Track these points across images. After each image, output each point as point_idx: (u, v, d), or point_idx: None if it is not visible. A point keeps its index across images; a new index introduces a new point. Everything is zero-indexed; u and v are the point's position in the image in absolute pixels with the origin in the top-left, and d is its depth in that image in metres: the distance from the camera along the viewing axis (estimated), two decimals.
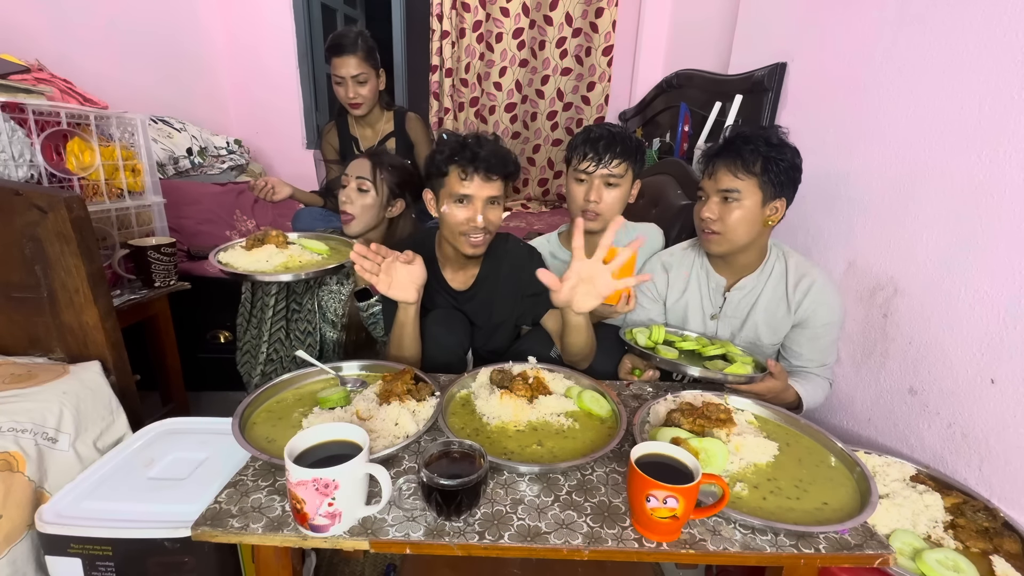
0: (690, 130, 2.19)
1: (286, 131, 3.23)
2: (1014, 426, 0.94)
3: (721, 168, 1.14)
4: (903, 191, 1.18)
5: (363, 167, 1.39)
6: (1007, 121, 0.96)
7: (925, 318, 1.13)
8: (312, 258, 1.34)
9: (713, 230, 1.17)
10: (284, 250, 1.33)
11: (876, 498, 0.77)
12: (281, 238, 1.36)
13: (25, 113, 1.25)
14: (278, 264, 1.28)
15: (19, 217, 1.09)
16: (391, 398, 0.94)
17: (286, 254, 1.32)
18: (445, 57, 3.04)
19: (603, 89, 3.16)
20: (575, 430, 0.93)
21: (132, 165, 1.56)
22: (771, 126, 1.16)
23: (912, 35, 1.17)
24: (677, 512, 0.67)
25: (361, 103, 1.85)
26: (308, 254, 1.35)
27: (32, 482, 0.88)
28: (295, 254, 1.33)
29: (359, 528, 0.71)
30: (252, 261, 1.29)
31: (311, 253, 1.36)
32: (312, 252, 1.36)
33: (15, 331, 1.17)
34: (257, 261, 1.28)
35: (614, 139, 1.28)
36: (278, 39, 3.06)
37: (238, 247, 1.35)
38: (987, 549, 0.87)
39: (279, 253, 1.31)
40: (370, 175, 1.38)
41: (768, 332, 1.24)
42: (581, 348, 1.15)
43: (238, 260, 1.29)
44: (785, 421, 0.99)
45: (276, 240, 1.35)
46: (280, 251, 1.32)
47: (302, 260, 1.32)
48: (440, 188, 1.17)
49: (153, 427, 1.05)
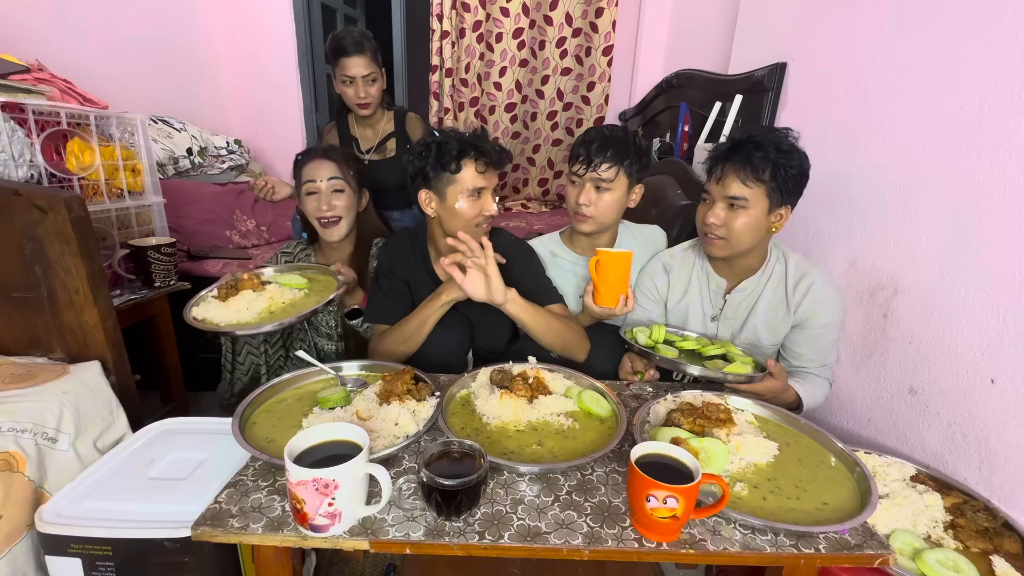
0: (690, 130, 2.19)
1: (286, 131, 3.22)
2: (1014, 426, 0.94)
3: (730, 174, 1.12)
4: (903, 191, 1.18)
5: (330, 168, 1.35)
6: (1007, 121, 0.96)
7: (925, 318, 1.13)
8: (293, 295, 1.21)
9: (718, 235, 1.16)
10: (261, 292, 1.19)
11: (876, 498, 0.77)
12: (255, 280, 1.22)
13: (25, 113, 1.25)
14: (261, 311, 1.14)
15: (19, 217, 1.09)
16: (391, 398, 0.94)
17: (266, 297, 1.18)
18: (445, 57, 3.04)
19: (603, 89, 3.16)
20: (575, 430, 0.93)
21: (132, 165, 1.56)
22: (782, 129, 1.14)
23: (912, 35, 1.17)
24: (677, 512, 0.67)
25: (370, 103, 1.85)
26: (288, 291, 1.21)
27: (32, 482, 0.88)
28: (275, 295, 1.19)
29: (359, 528, 0.71)
30: (232, 312, 1.13)
31: (291, 290, 1.22)
32: (292, 288, 1.23)
33: (15, 331, 1.17)
34: (238, 312, 1.14)
35: (607, 143, 1.26)
36: (278, 39, 3.06)
37: (210, 298, 1.20)
38: (987, 549, 0.87)
39: (258, 298, 1.17)
40: (340, 174, 1.35)
41: (768, 333, 1.24)
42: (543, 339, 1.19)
43: (216, 313, 1.14)
44: (785, 421, 0.99)
45: (251, 284, 1.21)
46: (258, 295, 1.18)
47: (284, 300, 1.19)
48: (450, 185, 1.17)
49: (153, 427, 1.05)
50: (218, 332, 1.10)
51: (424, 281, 1.31)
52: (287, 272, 1.32)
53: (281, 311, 1.15)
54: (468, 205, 1.17)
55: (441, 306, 1.18)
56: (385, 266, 1.32)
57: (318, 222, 1.36)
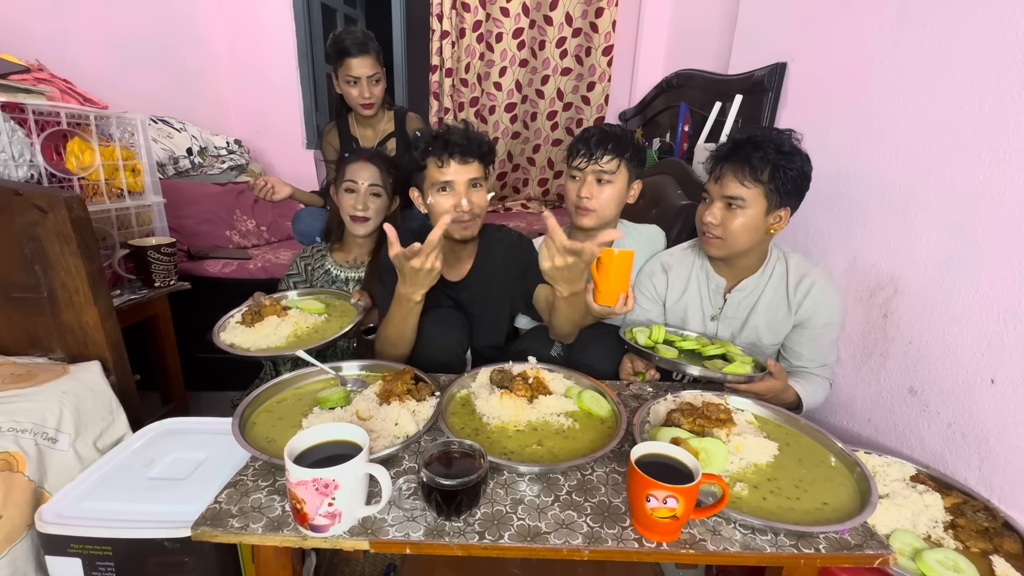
0: (690, 130, 2.19)
1: (286, 131, 3.22)
2: (1014, 426, 0.94)
3: (728, 173, 1.12)
4: (903, 191, 1.18)
5: (372, 173, 1.44)
6: (1007, 121, 0.96)
7: (925, 318, 1.13)
8: (314, 320, 1.27)
9: (715, 235, 1.17)
10: (285, 318, 1.24)
11: (876, 498, 0.77)
12: (277, 307, 1.27)
13: (25, 113, 1.25)
14: (288, 335, 1.20)
15: (19, 217, 1.09)
16: (391, 398, 0.94)
17: (290, 323, 1.23)
18: (445, 57, 3.04)
19: (603, 89, 3.16)
20: (575, 430, 0.93)
21: (132, 165, 1.56)
22: (784, 130, 1.13)
23: (912, 35, 1.17)
24: (677, 512, 0.67)
25: (374, 103, 1.86)
26: (310, 316, 1.27)
27: (32, 482, 0.88)
28: (298, 320, 1.25)
29: (359, 528, 0.71)
30: (262, 337, 1.19)
31: (312, 315, 1.28)
32: (311, 313, 1.29)
33: (15, 331, 1.17)
34: (267, 337, 1.19)
35: (606, 136, 1.28)
36: (278, 39, 3.06)
37: (234, 323, 1.25)
38: (987, 549, 0.87)
39: (283, 323, 1.22)
40: (380, 180, 1.44)
41: (768, 333, 1.24)
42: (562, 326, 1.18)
43: (245, 339, 1.19)
44: (785, 421, 0.99)
45: (274, 310, 1.26)
46: (282, 320, 1.23)
47: (307, 325, 1.25)
48: (423, 182, 1.22)
49: (153, 427, 1.05)
50: (259, 358, 1.16)
51: None
52: (306, 297, 1.41)
53: (307, 335, 1.22)
54: (436, 200, 1.19)
55: (414, 304, 1.12)
56: (391, 263, 1.33)
57: (350, 217, 1.46)
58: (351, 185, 1.44)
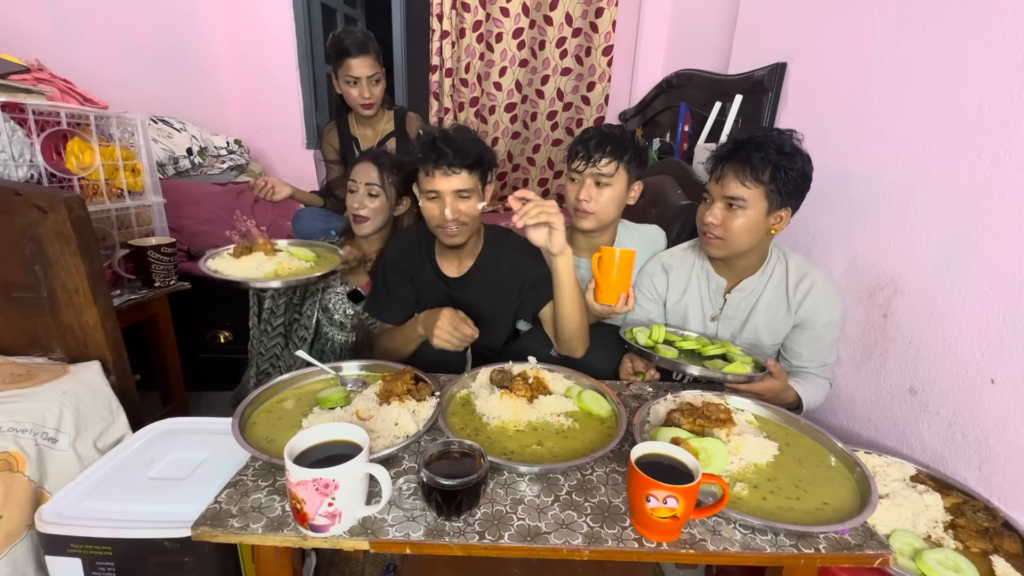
0: (690, 130, 2.19)
1: (286, 131, 3.22)
2: (1014, 426, 0.94)
3: (729, 174, 1.12)
4: (903, 191, 1.18)
5: (370, 173, 1.44)
6: (1007, 121, 0.96)
7: (925, 318, 1.13)
8: (300, 265, 1.33)
9: (715, 235, 1.17)
10: (272, 257, 1.32)
11: (876, 498, 0.77)
12: (269, 246, 1.35)
13: (25, 113, 1.25)
14: (268, 271, 1.28)
15: (19, 217, 1.09)
16: (391, 398, 0.94)
17: (275, 261, 1.31)
18: (445, 57, 3.04)
19: (603, 89, 3.15)
20: (575, 430, 0.93)
21: (132, 165, 1.56)
22: (785, 131, 1.13)
23: (912, 35, 1.17)
24: (677, 512, 0.67)
25: (374, 103, 1.86)
26: (296, 261, 1.34)
27: (32, 482, 0.88)
28: (284, 261, 1.32)
29: (359, 528, 0.71)
30: (243, 268, 1.28)
31: (299, 260, 1.35)
32: (300, 259, 1.35)
33: (15, 331, 1.17)
34: (247, 268, 1.28)
35: (605, 139, 1.27)
36: (278, 39, 3.06)
37: (225, 254, 1.35)
38: (987, 549, 0.87)
39: (268, 260, 1.31)
40: (378, 180, 1.44)
41: (769, 333, 1.24)
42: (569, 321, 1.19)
43: (228, 267, 1.28)
44: (785, 421, 0.99)
45: (264, 248, 1.34)
46: (269, 258, 1.31)
47: (291, 267, 1.32)
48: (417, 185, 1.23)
49: (153, 427, 1.05)
50: (229, 281, 1.23)
51: (429, 277, 1.31)
52: (299, 246, 1.45)
53: (286, 275, 1.28)
54: (425, 206, 1.20)
55: (418, 336, 1.21)
56: (392, 259, 1.34)
57: (352, 216, 1.49)
58: (351, 185, 1.46)
